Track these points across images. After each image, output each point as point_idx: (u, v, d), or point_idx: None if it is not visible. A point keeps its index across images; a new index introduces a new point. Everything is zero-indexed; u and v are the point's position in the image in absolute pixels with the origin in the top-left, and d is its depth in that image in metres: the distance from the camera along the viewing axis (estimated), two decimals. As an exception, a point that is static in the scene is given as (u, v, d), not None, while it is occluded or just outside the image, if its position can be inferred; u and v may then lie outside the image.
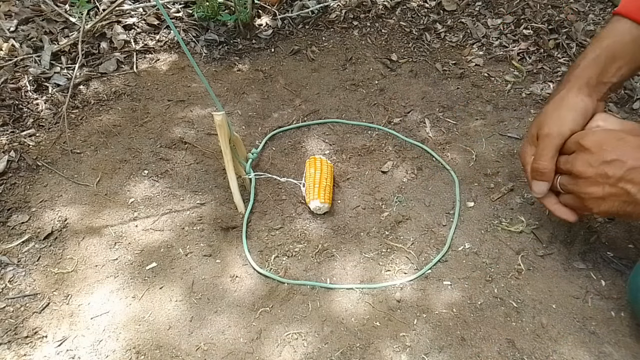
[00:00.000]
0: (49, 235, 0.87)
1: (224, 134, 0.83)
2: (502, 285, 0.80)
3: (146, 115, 1.10)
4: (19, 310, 0.78)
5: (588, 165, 0.68)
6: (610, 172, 0.66)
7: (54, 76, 1.15)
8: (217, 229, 0.89)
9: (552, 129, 0.75)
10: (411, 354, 0.73)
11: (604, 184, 0.67)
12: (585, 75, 0.77)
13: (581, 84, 0.77)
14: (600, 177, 0.67)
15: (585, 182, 0.69)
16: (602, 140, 0.68)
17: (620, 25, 0.77)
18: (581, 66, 0.78)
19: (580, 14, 1.33)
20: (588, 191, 0.69)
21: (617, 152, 0.66)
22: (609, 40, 0.77)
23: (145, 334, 0.75)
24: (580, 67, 0.78)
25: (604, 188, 0.67)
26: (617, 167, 0.66)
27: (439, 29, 1.32)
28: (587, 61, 0.77)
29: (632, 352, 0.72)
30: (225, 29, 1.29)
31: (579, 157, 0.70)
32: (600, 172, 0.67)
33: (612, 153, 0.66)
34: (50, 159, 1.00)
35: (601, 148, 0.68)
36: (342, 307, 0.78)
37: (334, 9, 1.36)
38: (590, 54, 0.78)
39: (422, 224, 0.89)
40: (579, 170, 0.69)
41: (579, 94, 0.76)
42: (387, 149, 1.03)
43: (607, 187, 0.67)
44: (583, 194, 0.70)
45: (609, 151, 0.67)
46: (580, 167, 0.69)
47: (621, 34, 0.76)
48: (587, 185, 0.69)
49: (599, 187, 0.68)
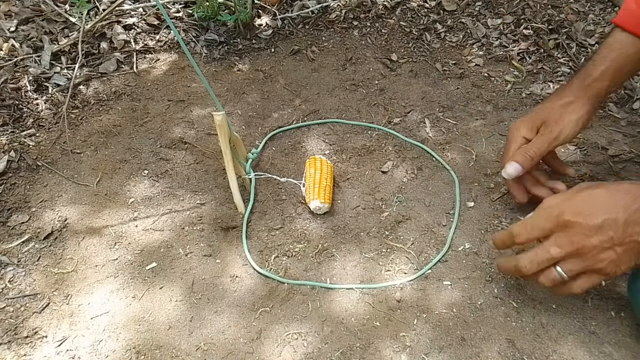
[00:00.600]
0: (49, 235, 0.87)
1: (224, 134, 0.83)
2: (502, 285, 0.80)
3: (146, 115, 1.10)
4: (19, 310, 0.78)
5: (586, 237, 0.63)
6: (611, 233, 0.62)
7: (54, 76, 1.15)
8: (217, 229, 0.89)
9: (557, 130, 0.79)
10: (411, 354, 0.73)
11: (613, 247, 0.62)
12: (595, 87, 0.80)
13: (590, 95, 0.80)
14: (605, 242, 0.62)
15: (592, 252, 0.63)
16: (578, 208, 0.64)
17: (623, 37, 0.79)
18: (593, 77, 0.79)
19: (580, 14, 1.33)
20: (602, 258, 0.63)
21: (600, 213, 0.63)
22: (615, 53, 0.79)
23: (145, 334, 0.75)
24: (592, 77, 0.79)
25: (615, 250, 0.62)
26: (612, 227, 0.62)
27: (439, 29, 1.32)
28: (598, 73, 0.79)
29: (632, 352, 0.72)
30: (225, 29, 1.29)
31: (570, 233, 0.64)
32: (603, 237, 0.62)
33: (596, 216, 0.63)
34: (50, 159, 1.00)
35: (582, 215, 0.63)
36: (342, 307, 0.78)
37: (334, 9, 1.36)
38: (600, 65, 0.79)
39: (422, 224, 0.89)
40: (579, 245, 0.63)
41: (585, 105, 0.80)
42: (387, 149, 1.03)
43: (618, 248, 0.62)
44: (599, 264, 0.64)
45: (592, 215, 0.63)
46: (580, 241, 0.63)
47: (625, 47, 0.78)
48: (597, 253, 0.63)
49: (610, 251, 0.63)
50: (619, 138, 1.03)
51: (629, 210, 0.62)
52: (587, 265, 0.64)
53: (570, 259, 0.65)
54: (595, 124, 1.07)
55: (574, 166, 0.97)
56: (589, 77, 0.80)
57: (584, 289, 0.67)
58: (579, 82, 0.81)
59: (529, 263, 0.67)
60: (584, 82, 0.80)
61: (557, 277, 0.66)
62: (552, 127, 0.80)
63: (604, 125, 1.06)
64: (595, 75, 0.79)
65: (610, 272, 0.64)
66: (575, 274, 0.66)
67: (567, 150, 1.01)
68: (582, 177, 0.95)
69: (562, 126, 0.80)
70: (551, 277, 0.67)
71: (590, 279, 0.66)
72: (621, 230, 0.62)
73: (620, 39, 0.79)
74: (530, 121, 0.83)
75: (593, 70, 0.80)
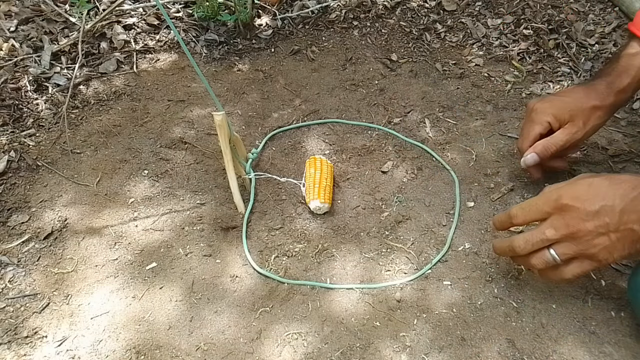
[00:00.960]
0: (49, 235, 0.87)
1: (224, 134, 0.83)
2: (502, 285, 0.80)
3: (146, 115, 1.10)
4: (19, 310, 0.78)
5: (582, 221, 0.63)
6: (607, 219, 0.62)
7: (54, 76, 1.15)
8: (217, 229, 0.89)
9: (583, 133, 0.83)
10: (411, 354, 0.73)
11: (607, 233, 0.63)
12: (619, 98, 0.83)
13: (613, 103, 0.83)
14: (601, 227, 0.63)
15: (587, 237, 0.64)
16: (577, 193, 0.65)
17: (636, 40, 0.82)
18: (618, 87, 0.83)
19: (580, 14, 1.33)
20: (595, 244, 0.64)
21: (598, 199, 0.63)
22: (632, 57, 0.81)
23: (145, 334, 0.75)
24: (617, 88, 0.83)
25: (609, 236, 0.63)
26: (609, 214, 0.62)
27: (439, 29, 1.32)
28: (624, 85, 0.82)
29: (632, 352, 0.72)
30: (225, 29, 1.29)
31: (567, 216, 0.65)
32: (599, 223, 0.63)
33: (594, 202, 0.63)
34: (50, 159, 1.00)
35: (580, 200, 0.64)
36: (342, 307, 0.78)
37: (334, 9, 1.36)
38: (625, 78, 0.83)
39: (422, 224, 0.89)
40: (575, 229, 0.64)
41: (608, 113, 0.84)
42: (387, 149, 1.03)
43: (613, 235, 0.63)
44: (592, 249, 0.64)
45: (590, 200, 0.63)
46: (575, 225, 0.64)
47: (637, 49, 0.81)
48: (592, 239, 0.64)
49: (604, 237, 0.63)
50: (619, 138, 1.03)
51: (626, 198, 0.62)
52: (581, 249, 0.65)
53: (564, 242, 0.65)
54: (595, 124, 1.07)
55: (574, 166, 0.97)
56: (614, 86, 0.82)
57: (575, 274, 0.67)
58: (606, 88, 0.82)
59: (524, 243, 0.68)
60: (611, 89, 0.82)
61: (550, 259, 0.67)
62: (579, 128, 0.82)
63: (604, 125, 1.06)
64: (620, 86, 0.82)
65: (602, 258, 0.64)
66: (568, 258, 0.66)
67: (567, 150, 1.01)
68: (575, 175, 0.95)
69: (587, 129, 0.83)
70: (544, 259, 0.67)
71: (582, 265, 0.66)
72: (617, 217, 0.62)
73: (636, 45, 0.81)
74: (558, 110, 0.84)
75: (618, 81, 0.82)
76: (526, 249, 0.68)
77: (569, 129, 0.83)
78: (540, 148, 0.84)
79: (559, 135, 0.84)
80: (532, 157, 0.85)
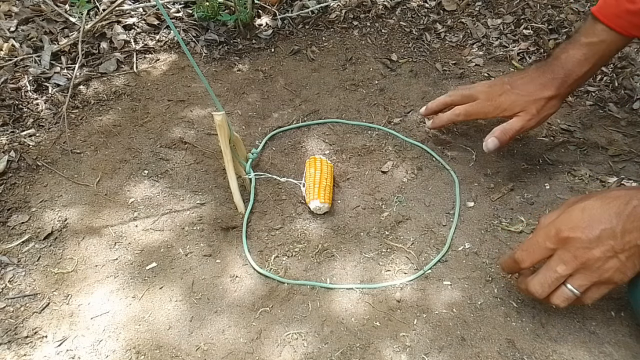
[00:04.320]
0: (49, 235, 0.87)
1: (224, 134, 0.83)
2: (502, 285, 0.80)
3: (146, 115, 1.10)
4: (19, 310, 0.78)
5: (587, 250, 0.64)
6: (611, 242, 0.63)
7: (54, 76, 1.15)
8: (217, 229, 0.89)
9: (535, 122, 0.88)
10: (411, 354, 0.73)
11: (615, 255, 0.63)
12: (575, 85, 0.87)
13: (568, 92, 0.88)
14: (607, 251, 0.63)
15: (597, 264, 0.64)
16: (573, 222, 0.65)
17: (599, 27, 0.83)
18: (576, 75, 0.85)
19: (580, 14, 1.33)
20: (607, 268, 0.64)
21: (595, 224, 0.63)
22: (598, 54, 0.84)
23: (145, 334, 0.75)
24: (576, 75, 0.85)
25: (619, 257, 0.63)
26: (611, 236, 0.63)
27: (439, 29, 1.32)
28: (582, 73, 0.85)
29: (632, 352, 0.72)
30: (225, 29, 1.29)
31: (571, 248, 0.65)
32: (604, 247, 0.63)
33: (592, 228, 0.63)
34: (50, 159, 1.00)
35: (579, 229, 0.64)
36: (342, 307, 0.78)
37: (334, 9, 1.36)
38: (584, 65, 0.85)
39: (422, 224, 0.89)
40: (584, 259, 0.64)
41: (561, 101, 0.88)
42: (387, 149, 1.03)
43: (621, 255, 0.63)
44: (606, 274, 0.64)
45: (588, 227, 0.64)
46: (583, 255, 0.64)
47: (608, 45, 0.83)
48: (603, 264, 0.64)
49: (614, 260, 0.63)
50: (619, 138, 1.03)
51: (623, 216, 0.63)
52: (596, 277, 0.65)
53: (577, 274, 0.66)
54: (595, 124, 1.07)
55: (574, 166, 0.97)
56: (572, 74, 0.85)
57: (594, 299, 0.68)
58: (564, 77, 0.85)
59: (540, 287, 0.68)
60: (568, 79, 0.85)
61: (571, 295, 0.67)
62: (533, 117, 0.87)
63: (604, 125, 1.06)
64: (578, 74, 0.85)
65: (617, 280, 0.65)
66: (586, 289, 0.66)
67: (567, 150, 1.01)
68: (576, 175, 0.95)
69: (540, 118, 0.88)
70: (565, 297, 0.67)
71: (600, 289, 0.67)
72: (619, 238, 0.62)
73: (597, 28, 0.83)
74: (516, 96, 0.88)
75: (578, 70, 0.84)
76: (545, 293, 0.68)
77: (524, 115, 0.87)
78: (498, 132, 0.88)
79: (515, 122, 0.88)
80: (492, 141, 0.88)
